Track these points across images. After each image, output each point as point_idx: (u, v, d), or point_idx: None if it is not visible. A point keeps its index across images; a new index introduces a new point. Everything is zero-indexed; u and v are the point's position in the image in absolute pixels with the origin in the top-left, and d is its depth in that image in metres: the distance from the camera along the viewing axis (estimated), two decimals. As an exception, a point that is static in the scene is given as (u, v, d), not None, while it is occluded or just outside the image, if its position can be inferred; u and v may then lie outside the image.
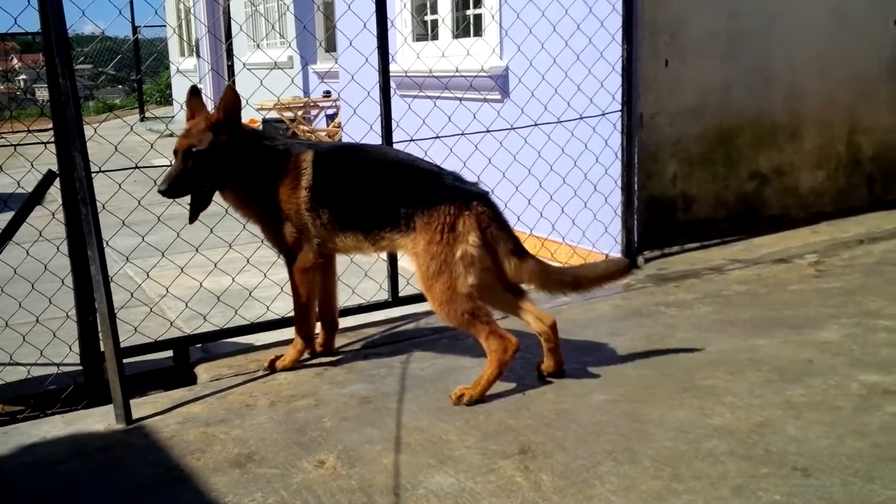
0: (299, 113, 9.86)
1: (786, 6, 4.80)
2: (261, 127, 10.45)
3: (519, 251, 2.66)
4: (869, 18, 5.16)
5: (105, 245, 2.72)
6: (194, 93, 2.88)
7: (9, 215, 2.99)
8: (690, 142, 4.54)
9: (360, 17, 3.52)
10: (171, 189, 2.72)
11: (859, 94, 5.19)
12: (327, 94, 10.24)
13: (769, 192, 4.94)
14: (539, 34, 4.32)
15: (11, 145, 3.04)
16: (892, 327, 3.13)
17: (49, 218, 3.12)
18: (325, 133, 9.64)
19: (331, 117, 10.22)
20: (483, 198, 2.66)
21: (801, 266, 4.10)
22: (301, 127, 9.69)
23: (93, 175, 2.71)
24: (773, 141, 4.90)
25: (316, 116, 10.46)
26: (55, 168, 2.94)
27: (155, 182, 3.23)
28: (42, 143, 3.01)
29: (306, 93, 10.88)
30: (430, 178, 2.70)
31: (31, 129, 3.41)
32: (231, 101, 2.78)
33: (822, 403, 2.50)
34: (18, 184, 3.21)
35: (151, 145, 3.33)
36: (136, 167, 3.12)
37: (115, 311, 2.73)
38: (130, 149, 3.10)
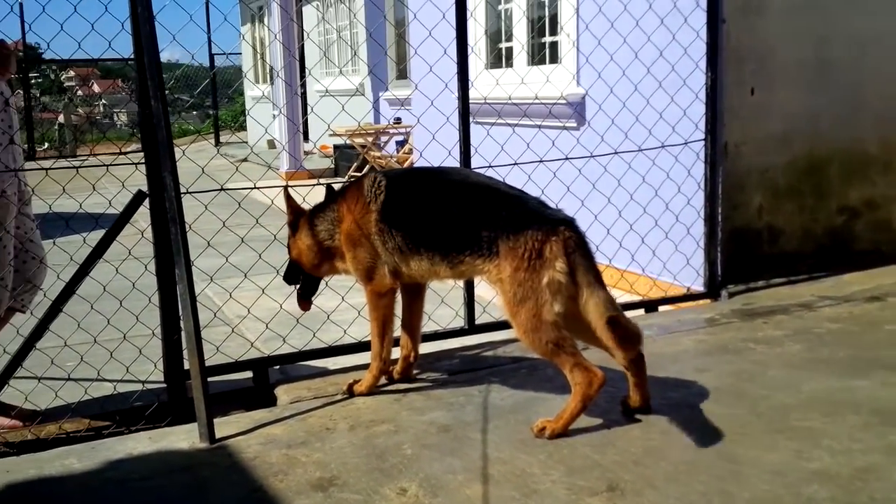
0: (370, 139, 10.00)
1: (877, 34, 4.64)
2: (332, 153, 10.66)
3: (599, 284, 2.56)
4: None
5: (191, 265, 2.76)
6: (287, 194, 3.08)
7: (99, 234, 3.08)
8: (777, 172, 4.40)
9: (441, 44, 3.54)
10: (286, 280, 3.14)
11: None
12: (398, 120, 10.37)
13: (860, 226, 4.74)
14: (619, 61, 4.27)
15: (104, 165, 3.13)
16: None
17: (138, 237, 3.21)
18: (395, 159, 9.75)
19: (400, 144, 10.33)
20: (570, 224, 2.60)
21: (895, 304, 3.90)
22: (372, 153, 9.82)
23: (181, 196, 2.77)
24: (864, 173, 4.71)
25: (386, 143, 10.60)
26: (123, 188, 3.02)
27: (239, 204, 3.32)
28: (133, 163, 3.11)
29: (377, 120, 11.05)
30: (515, 201, 2.67)
31: (120, 150, 3.54)
32: (287, 201, 3.06)
33: (928, 450, 2.36)
34: (110, 203, 3.31)
35: (237, 168, 3.41)
36: (222, 189, 3.18)
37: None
38: (208, 172, 3.16)
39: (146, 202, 3.03)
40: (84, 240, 3.09)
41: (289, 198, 3.04)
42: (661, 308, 4.09)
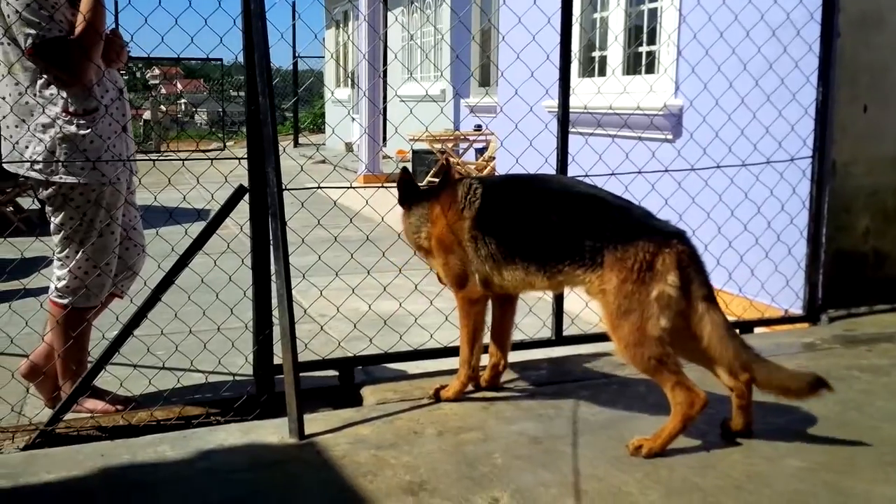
0: (449, 145, 10.02)
1: None
2: (410, 157, 10.72)
3: (711, 300, 2.49)
4: None
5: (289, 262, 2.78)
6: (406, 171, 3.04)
7: (200, 226, 3.14)
8: (887, 194, 4.18)
9: (544, 49, 3.49)
10: None
11: None
12: (478, 127, 10.36)
13: (969, 254, 4.46)
14: (724, 72, 4.14)
15: (209, 158, 3.20)
16: None
17: (236, 231, 3.26)
18: (474, 167, 9.73)
19: (480, 151, 10.31)
20: (682, 236, 2.51)
21: None
22: (451, 160, 9.83)
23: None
24: (978, 198, 4.43)
25: (466, 150, 10.59)
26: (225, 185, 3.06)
27: (335, 203, 3.34)
28: (237, 158, 3.16)
29: (457, 126, 11.07)
30: (622, 212, 2.58)
31: (198, 148, 3.60)
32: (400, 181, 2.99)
33: None
34: (212, 196, 3.38)
35: (335, 167, 3.42)
36: (319, 186, 3.20)
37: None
38: (286, 173, 3.19)
39: (246, 197, 3.07)
40: (185, 231, 3.15)
41: (403, 177, 2.98)
42: (756, 330, 3.93)
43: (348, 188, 3.20)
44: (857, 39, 3.99)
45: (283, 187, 2.91)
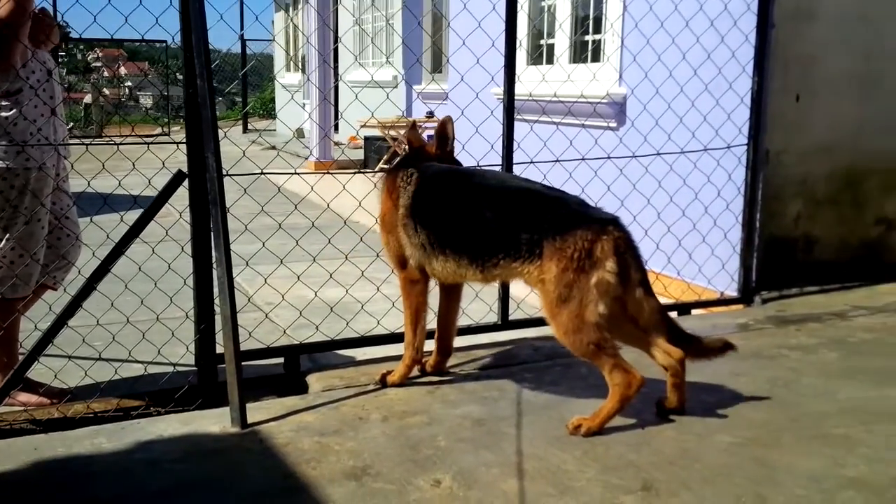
0: (401, 132, 9.98)
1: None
2: (361, 144, 10.66)
3: (646, 285, 2.56)
4: None
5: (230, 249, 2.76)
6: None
7: (137, 213, 3.08)
8: (817, 182, 4.34)
9: (490, 35, 3.51)
10: None
11: None
12: (430, 114, 10.34)
13: (894, 238, 4.67)
14: (665, 62, 4.23)
15: (145, 143, 3.13)
16: None
17: (175, 218, 3.20)
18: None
19: (432, 138, 10.30)
20: (617, 223, 2.57)
21: (930, 318, 3.85)
22: (404, 147, 9.80)
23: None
24: (903, 185, 4.64)
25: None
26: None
27: (279, 189, 3.32)
28: (175, 143, 3.10)
29: (409, 113, 11.03)
30: (558, 203, 2.62)
31: (133, 132, 3.53)
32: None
33: (966, 463, 2.32)
34: (149, 182, 3.31)
35: (278, 152, 3.40)
36: (262, 172, 3.17)
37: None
38: (234, 159, 3.15)
39: (185, 183, 3.02)
40: (121, 218, 3.09)
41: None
42: (693, 311, 4.06)
43: (292, 174, 3.18)
44: (790, 31, 4.12)
45: (226, 173, 2.87)
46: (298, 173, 3.17)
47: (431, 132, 11.07)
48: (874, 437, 2.52)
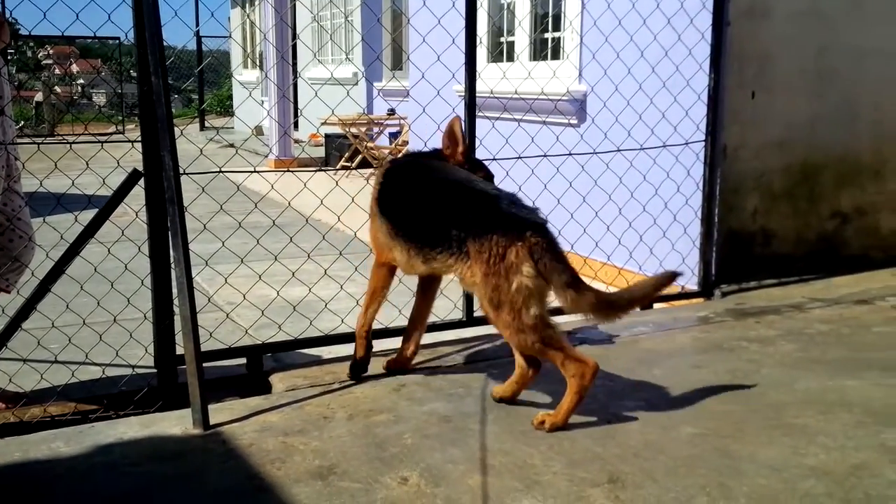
0: (362, 130, 9.94)
1: (876, 46, 4.67)
2: (322, 142, 10.57)
3: (575, 283, 2.51)
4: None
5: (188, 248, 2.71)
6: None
7: (92, 213, 3.01)
8: (773, 176, 4.43)
9: (450, 33, 3.51)
10: None
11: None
12: (391, 112, 10.31)
13: (849, 231, 4.79)
14: (623, 59, 4.27)
15: (99, 142, 3.06)
16: None
17: (132, 217, 3.14)
18: (388, 151, 9.69)
19: (394, 136, 10.27)
20: (538, 227, 2.51)
21: (883, 308, 3.95)
22: (365, 144, 9.75)
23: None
24: (856, 180, 4.75)
25: (379, 134, 10.53)
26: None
27: (238, 187, 3.26)
28: (130, 141, 3.04)
29: (370, 110, 10.98)
30: (485, 201, 2.57)
31: (86, 131, 3.46)
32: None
33: (920, 450, 2.39)
34: (103, 182, 3.24)
35: (237, 150, 3.34)
36: (220, 171, 3.13)
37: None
38: (191, 157, 3.10)
39: (141, 182, 2.96)
40: (76, 218, 3.01)
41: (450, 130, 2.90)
42: (655, 305, 4.10)
43: (251, 173, 3.14)
44: (745, 29, 4.19)
45: (183, 171, 2.83)
46: (258, 171, 3.13)
47: (392, 129, 11.04)
48: (832, 427, 2.57)
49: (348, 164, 9.73)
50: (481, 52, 5.96)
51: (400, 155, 9.44)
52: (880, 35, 4.68)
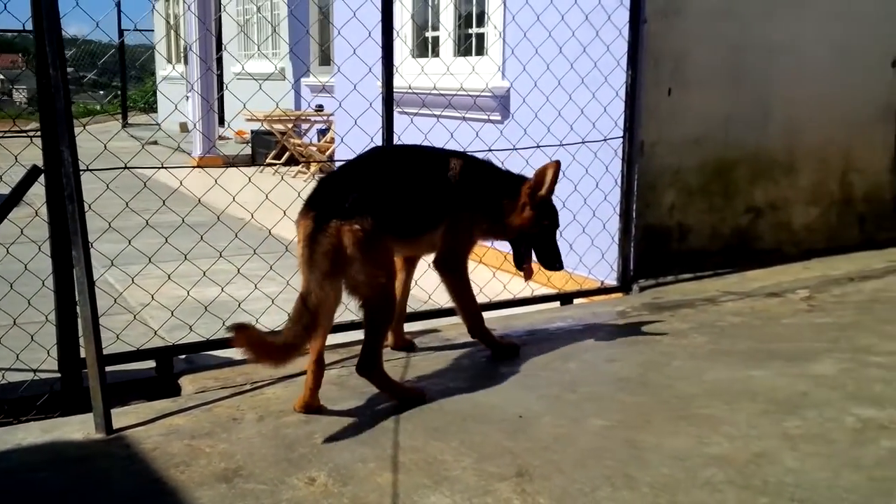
0: (290, 126, 9.79)
1: (788, 43, 4.82)
2: (249, 139, 10.38)
3: None
4: (868, 60, 5.20)
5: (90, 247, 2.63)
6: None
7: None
8: (689, 172, 4.53)
9: (366, 26, 3.47)
10: None
11: (855, 134, 5.21)
12: (319, 108, 10.18)
13: (763, 226, 4.94)
14: (543, 55, 4.30)
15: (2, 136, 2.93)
16: (884, 364, 3.11)
17: (32, 216, 3.01)
18: (316, 148, 9.57)
19: (322, 132, 10.15)
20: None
21: (793, 300, 4.08)
22: (292, 141, 9.61)
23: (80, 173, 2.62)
24: (769, 175, 4.91)
25: (307, 131, 10.39)
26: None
27: (145, 184, 3.16)
28: (28, 135, 2.93)
29: (298, 106, 10.82)
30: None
31: (9, 129, 3.32)
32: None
33: (818, 436, 2.48)
34: (0, 178, 3.11)
35: (143, 146, 3.24)
36: (126, 167, 3.02)
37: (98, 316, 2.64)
38: (109, 154, 2.99)
39: (42, 178, 2.84)
40: (-28, 218, 2.87)
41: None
42: (576, 301, 4.16)
43: (159, 168, 3.04)
44: (661, 26, 4.27)
45: (87, 168, 2.73)
46: (166, 167, 3.03)
47: (320, 126, 10.90)
48: (737, 416, 2.63)
49: (275, 161, 9.58)
50: (406, 48, 5.94)
51: (272, 155, 9.37)
52: (791, 33, 4.83)
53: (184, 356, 3.32)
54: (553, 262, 3.12)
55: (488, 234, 3.10)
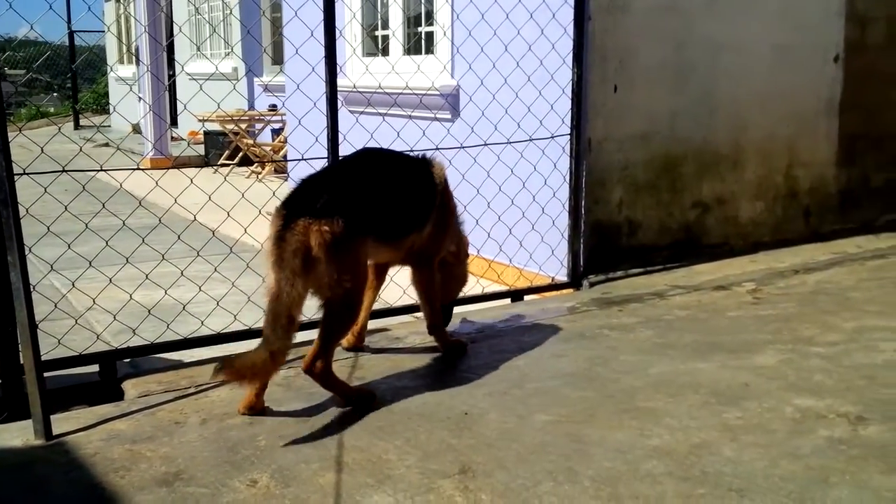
0: (243, 126, 9.68)
1: (731, 40, 4.90)
2: (202, 139, 10.24)
3: None
4: (810, 56, 5.32)
5: (28, 252, 2.58)
6: None
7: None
8: (637, 168, 4.59)
9: (308, 26, 3.45)
10: None
11: (799, 129, 5.33)
12: (273, 107, 10.09)
13: (710, 220, 5.03)
14: (490, 54, 4.32)
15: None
16: (824, 354, 3.19)
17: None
18: (269, 147, 9.48)
19: (276, 132, 10.06)
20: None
21: (739, 293, 4.16)
22: (245, 141, 9.50)
23: (16, 177, 2.56)
24: (715, 170, 4.99)
25: (261, 130, 10.29)
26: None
27: (84, 187, 3.10)
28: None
29: (251, 106, 10.71)
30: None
31: None
32: None
33: (757, 426, 2.53)
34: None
35: (81, 148, 3.18)
36: (64, 170, 2.96)
37: (38, 321, 2.60)
38: (63, 157, 2.94)
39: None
40: None
41: None
42: (526, 297, 4.18)
43: (98, 170, 2.99)
44: (606, 23, 4.31)
45: (23, 171, 2.69)
46: (105, 169, 2.98)
47: (276, 125, 10.79)
48: (679, 408, 2.68)
49: (228, 163, 9.46)
50: (349, 46, 5.91)
51: (225, 156, 9.23)
52: (735, 29, 4.92)
53: (128, 360, 3.27)
54: None
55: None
